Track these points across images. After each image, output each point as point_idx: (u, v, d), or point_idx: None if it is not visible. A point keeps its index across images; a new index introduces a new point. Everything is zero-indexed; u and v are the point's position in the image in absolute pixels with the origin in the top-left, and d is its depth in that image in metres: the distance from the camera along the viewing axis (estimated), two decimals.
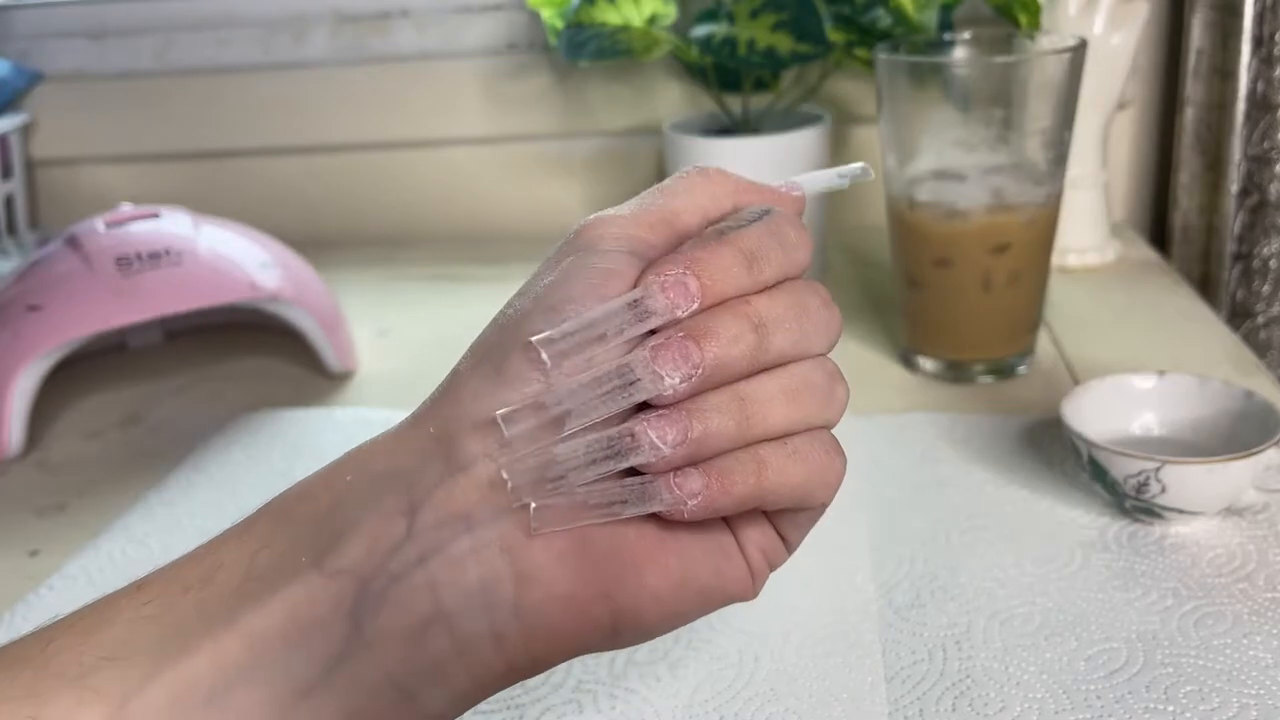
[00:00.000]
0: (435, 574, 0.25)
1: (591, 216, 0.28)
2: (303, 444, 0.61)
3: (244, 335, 0.78)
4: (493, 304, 0.30)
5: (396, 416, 0.65)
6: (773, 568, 0.29)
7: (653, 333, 0.26)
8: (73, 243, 0.66)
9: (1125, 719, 0.37)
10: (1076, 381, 0.61)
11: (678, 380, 0.25)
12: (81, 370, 0.74)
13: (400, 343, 0.76)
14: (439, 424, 0.27)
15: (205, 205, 0.78)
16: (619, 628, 0.27)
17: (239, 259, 0.67)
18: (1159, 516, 0.47)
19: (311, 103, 0.96)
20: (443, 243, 0.97)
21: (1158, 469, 0.44)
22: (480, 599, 0.25)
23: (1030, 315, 0.63)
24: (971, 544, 0.47)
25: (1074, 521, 0.48)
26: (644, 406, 0.26)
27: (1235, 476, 0.45)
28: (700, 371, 0.25)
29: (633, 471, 0.26)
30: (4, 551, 0.54)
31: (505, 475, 0.26)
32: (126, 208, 0.70)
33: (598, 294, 0.26)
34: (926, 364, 0.64)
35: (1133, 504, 0.46)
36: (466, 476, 0.26)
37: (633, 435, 0.26)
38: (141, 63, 0.97)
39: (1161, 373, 0.51)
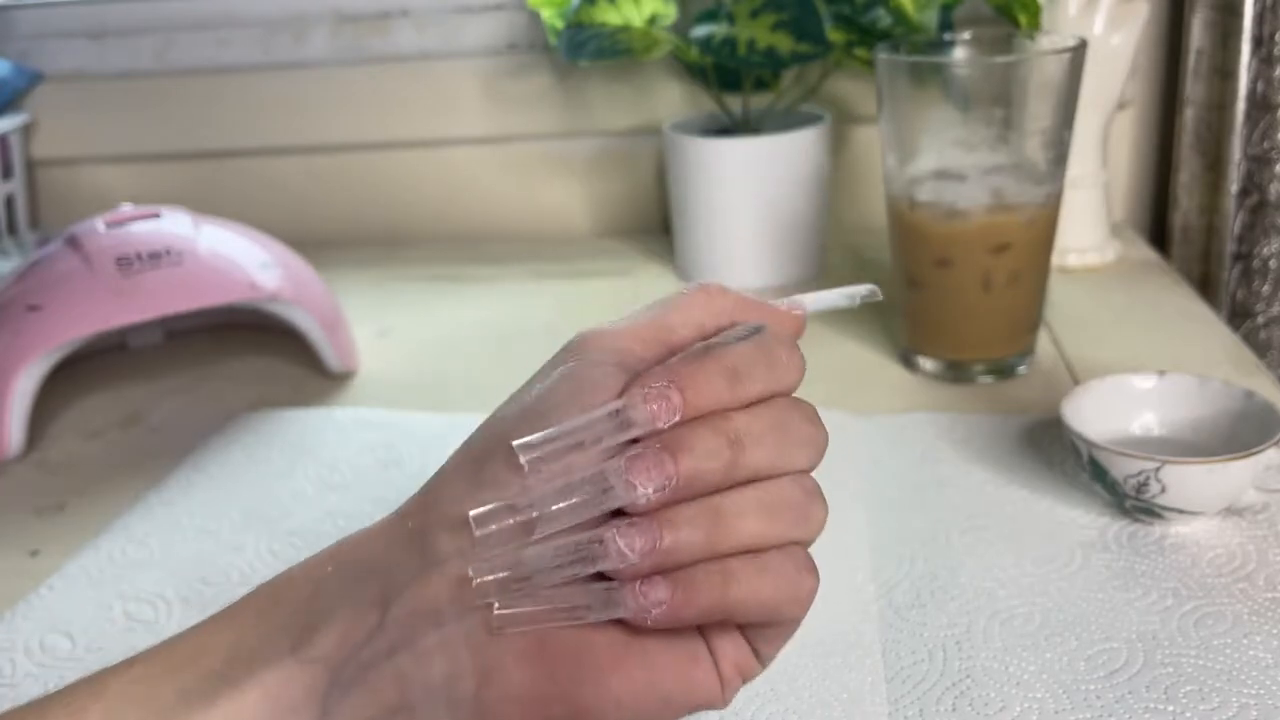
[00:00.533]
0: (402, 666, 0.26)
1: (588, 329, 0.29)
2: (303, 444, 0.61)
3: (244, 335, 0.78)
4: (493, 304, 0.31)
5: (397, 417, 0.65)
6: (745, 680, 0.30)
7: (634, 442, 0.27)
8: (73, 243, 0.66)
9: (1126, 718, 0.37)
10: (1076, 381, 0.61)
11: (650, 491, 0.26)
12: (82, 370, 0.74)
13: (400, 343, 0.76)
14: (418, 520, 0.28)
15: (205, 205, 0.78)
16: None
17: (239, 259, 0.67)
18: (1159, 516, 0.47)
19: (312, 103, 0.96)
20: (443, 243, 0.97)
21: (1158, 469, 0.44)
22: (443, 692, 0.26)
23: (1030, 315, 0.63)
24: (972, 544, 0.47)
25: (1074, 521, 0.48)
26: (617, 513, 0.27)
27: (1235, 476, 0.45)
28: (673, 483, 0.26)
29: (602, 575, 0.27)
30: (4, 551, 0.54)
31: (471, 573, 0.26)
32: (127, 208, 0.70)
33: (581, 403, 0.27)
34: (926, 364, 0.64)
35: (1133, 504, 0.46)
36: (439, 573, 0.27)
37: (601, 542, 0.26)
38: (142, 63, 0.97)
39: (1161, 373, 0.51)
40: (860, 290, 0.33)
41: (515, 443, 0.26)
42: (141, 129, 0.98)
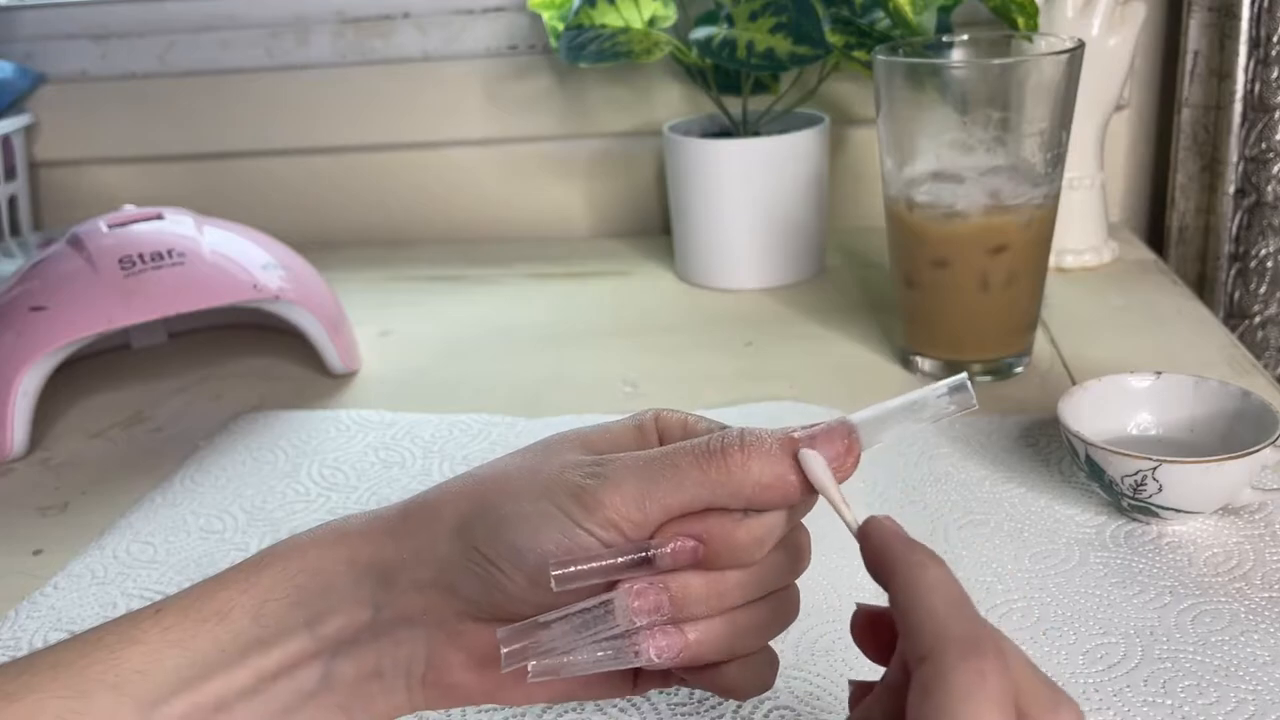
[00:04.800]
0: (382, 646, 0.34)
1: (605, 474, 0.31)
2: (305, 444, 0.61)
3: (247, 335, 0.78)
4: (494, 304, 0.32)
5: (398, 417, 0.65)
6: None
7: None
8: (76, 243, 0.67)
9: (1124, 712, 0.37)
10: (1074, 381, 0.61)
11: (644, 620, 0.31)
12: (85, 370, 0.75)
13: (402, 343, 0.76)
14: (415, 542, 0.33)
15: (208, 206, 0.79)
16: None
17: (242, 260, 0.68)
18: (1156, 515, 0.47)
19: (314, 104, 0.96)
20: (444, 243, 0.97)
21: (1154, 468, 0.45)
22: (404, 668, 0.34)
23: (1028, 315, 0.63)
24: (970, 541, 0.48)
25: (1072, 520, 0.49)
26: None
27: (1231, 476, 0.45)
28: (664, 614, 0.31)
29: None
30: (8, 550, 0.54)
31: (501, 647, 0.31)
32: (129, 209, 0.70)
33: (584, 552, 0.31)
34: (924, 364, 0.65)
35: (1130, 503, 0.47)
36: (418, 592, 0.33)
37: (610, 609, 0.31)
38: (144, 64, 0.97)
39: (1158, 373, 0.51)
40: (941, 389, 0.33)
41: (554, 573, 0.30)
42: (144, 130, 0.99)
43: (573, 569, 0.30)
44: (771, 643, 0.38)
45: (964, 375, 0.33)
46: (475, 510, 0.33)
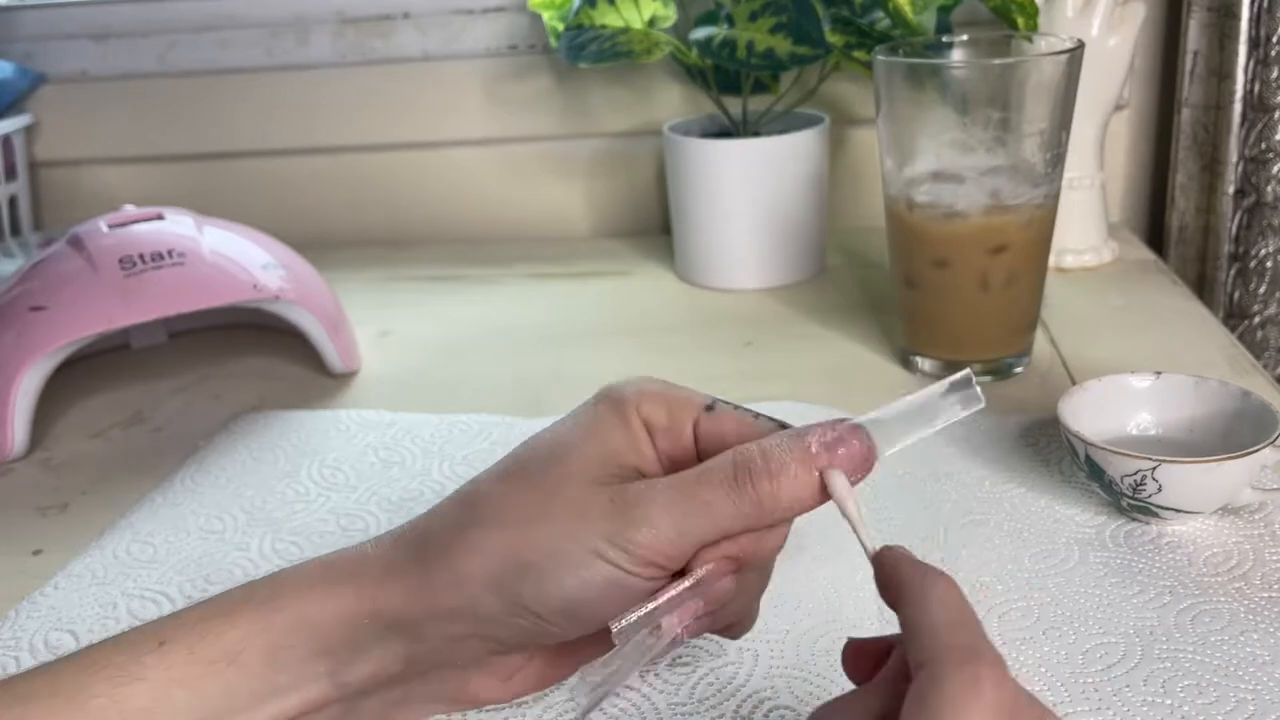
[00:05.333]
0: (409, 686, 0.35)
1: (639, 518, 0.32)
2: (306, 444, 0.61)
3: (247, 336, 0.78)
4: (494, 304, 0.32)
5: (397, 417, 0.65)
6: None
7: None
8: (76, 243, 0.67)
9: (1124, 711, 0.37)
10: (1073, 381, 0.61)
11: (681, 628, 0.33)
12: (85, 370, 0.75)
13: (403, 343, 0.76)
14: (450, 608, 0.33)
15: (208, 206, 0.79)
16: None
17: (242, 260, 0.68)
18: (1156, 515, 0.47)
19: (314, 104, 0.96)
20: (444, 243, 0.97)
21: (1154, 468, 0.45)
22: (431, 694, 0.35)
23: (1027, 315, 0.63)
24: (969, 541, 0.48)
25: (1071, 520, 0.49)
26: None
27: (1231, 476, 0.45)
28: (699, 615, 0.34)
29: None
30: (7, 551, 0.54)
31: (581, 703, 0.34)
32: (129, 209, 0.70)
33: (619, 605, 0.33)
34: (924, 364, 0.65)
35: (1129, 503, 0.47)
36: (450, 643, 0.34)
37: (659, 632, 0.33)
38: (144, 64, 0.97)
39: (1158, 373, 0.51)
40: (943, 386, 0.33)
41: (614, 631, 0.32)
42: (144, 130, 0.99)
43: (629, 621, 0.32)
44: (771, 642, 0.38)
45: (968, 371, 0.33)
46: (514, 569, 0.32)
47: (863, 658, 0.31)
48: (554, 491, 0.32)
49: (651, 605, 0.32)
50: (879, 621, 0.43)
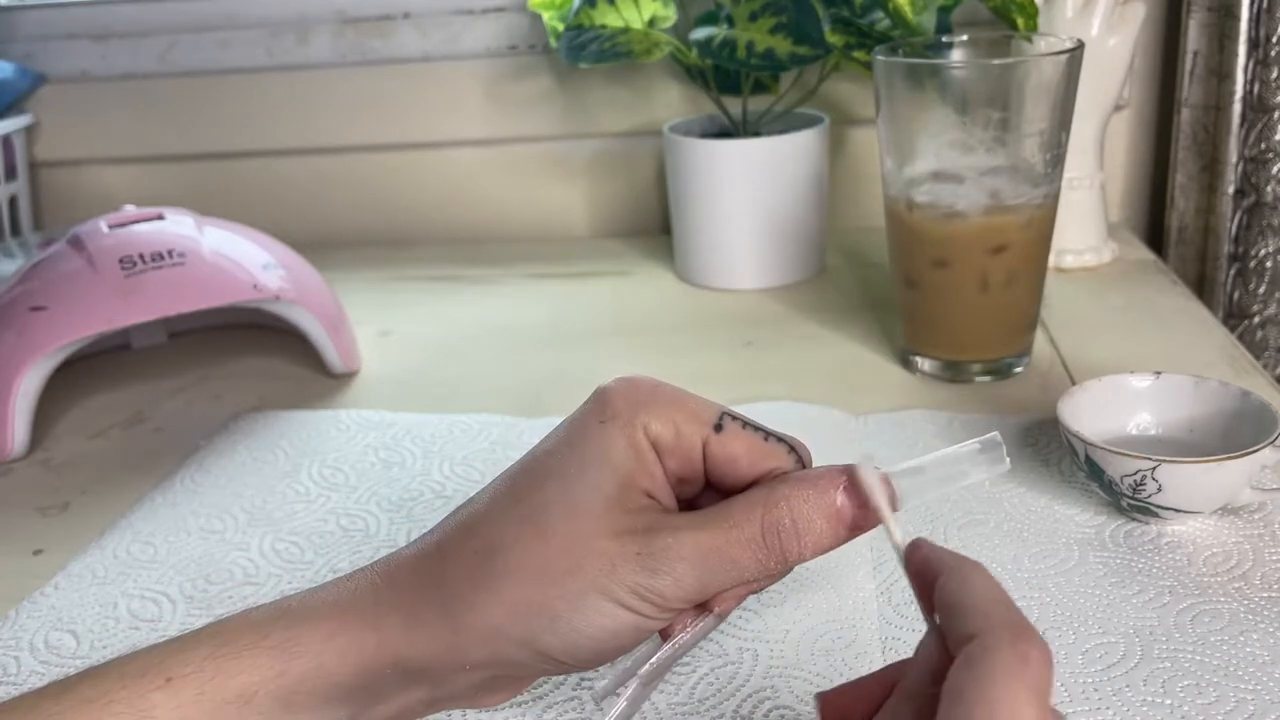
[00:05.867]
0: (428, 713, 0.35)
1: (662, 568, 0.32)
2: (306, 444, 0.61)
3: (247, 336, 0.78)
4: (494, 304, 0.32)
5: (397, 417, 0.65)
6: None
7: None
8: (76, 244, 0.67)
9: (1123, 711, 0.37)
10: (1073, 381, 0.61)
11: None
12: (85, 370, 0.75)
13: (403, 343, 0.76)
14: (477, 659, 0.33)
15: (208, 206, 0.79)
16: None
17: (242, 260, 0.68)
18: (1155, 515, 0.47)
19: (314, 104, 0.96)
20: (444, 243, 0.97)
21: (1154, 468, 0.45)
22: (443, 712, 0.35)
23: (1027, 315, 0.63)
24: (969, 540, 0.48)
25: (1071, 520, 0.49)
26: None
27: (1231, 476, 0.45)
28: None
29: None
30: (8, 550, 0.54)
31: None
32: (130, 209, 0.70)
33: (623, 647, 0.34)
34: (924, 364, 0.65)
35: (1129, 503, 0.47)
36: (469, 679, 0.34)
37: (674, 643, 0.34)
38: (144, 64, 0.97)
39: (1158, 373, 0.51)
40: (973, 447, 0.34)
41: (639, 674, 0.34)
42: (144, 130, 0.99)
43: (654, 665, 0.34)
44: (771, 642, 0.38)
45: (996, 434, 0.34)
46: (539, 623, 0.32)
47: (847, 700, 0.30)
48: (580, 543, 0.32)
49: (676, 645, 0.34)
50: (878, 621, 0.43)
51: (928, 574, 0.29)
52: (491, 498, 0.34)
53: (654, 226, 0.96)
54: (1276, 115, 0.79)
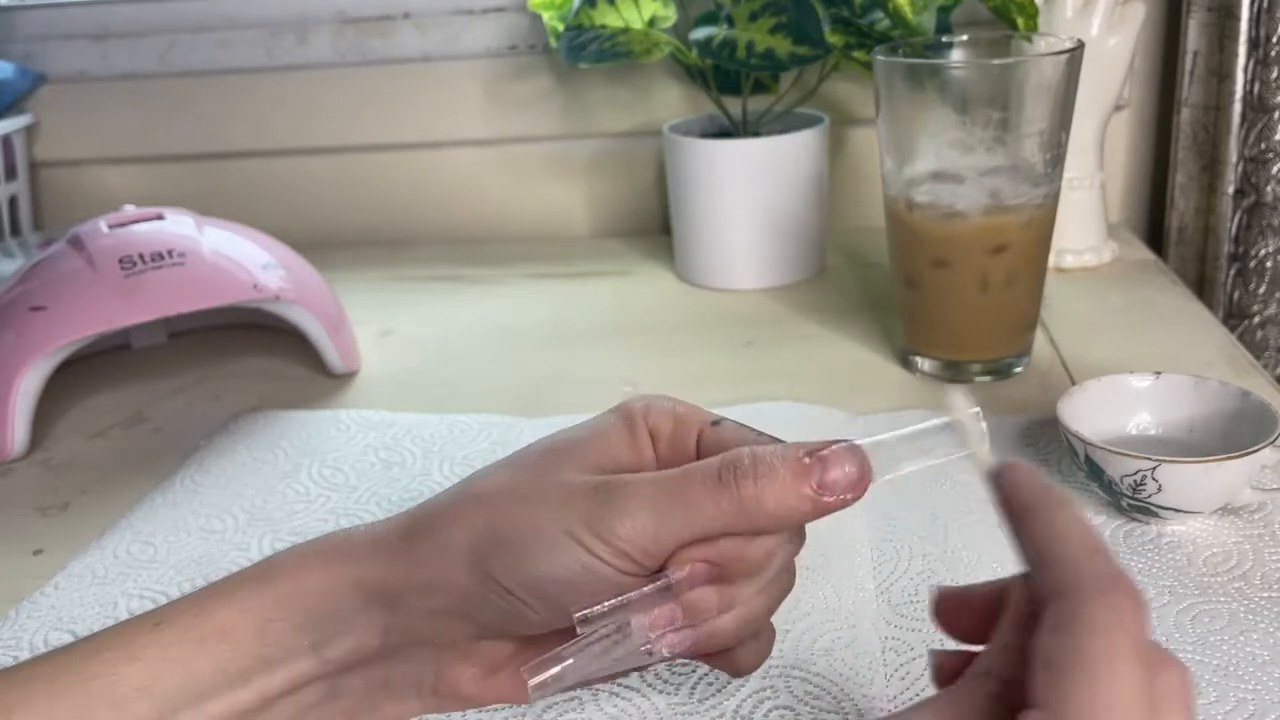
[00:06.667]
0: (390, 665, 0.35)
1: (616, 502, 0.32)
2: (306, 444, 0.61)
3: (247, 336, 0.78)
4: (494, 304, 0.32)
5: (398, 417, 0.65)
6: None
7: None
8: (76, 244, 0.67)
9: None
10: (1073, 381, 0.61)
11: (658, 634, 0.32)
12: (85, 370, 0.75)
13: (403, 343, 0.76)
14: (427, 578, 0.33)
15: (208, 206, 0.79)
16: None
17: (242, 260, 0.68)
18: (1155, 515, 0.47)
19: (314, 104, 0.96)
20: (444, 243, 0.97)
21: (1154, 468, 0.45)
22: (413, 681, 0.35)
23: (1027, 315, 0.63)
24: (969, 540, 0.48)
25: None
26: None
27: (1231, 476, 0.45)
28: (678, 625, 0.33)
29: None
30: (8, 550, 0.54)
31: (530, 684, 0.32)
32: (129, 209, 0.70)
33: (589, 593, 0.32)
34: (924, 364, 0.65)
35: (1129, 503, 0.47)
36: (428, 615, 0.34)
37: (628, 631, 0.32)
38: (144, 64, 0.97)
39: (1158, 373, 0.51)
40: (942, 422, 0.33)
41: (576, 617, 0.32)
42: (144, 130, 0.99)
43: (594, 611, 0.32)
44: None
45: (976, 409, 0.32)
46: (489, 541, 0.32)
47: (957, 607, 0.30)
48: (545, 474, 0.33)
49: (620, 599, 0.32)
50: (878, 621, 0.43)
51: (1015, 507, 0.27)
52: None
53: (654, 226, 0.96)
54: (1276, 115, 0.79)
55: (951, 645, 0.31)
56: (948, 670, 0.30)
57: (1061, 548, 0.26)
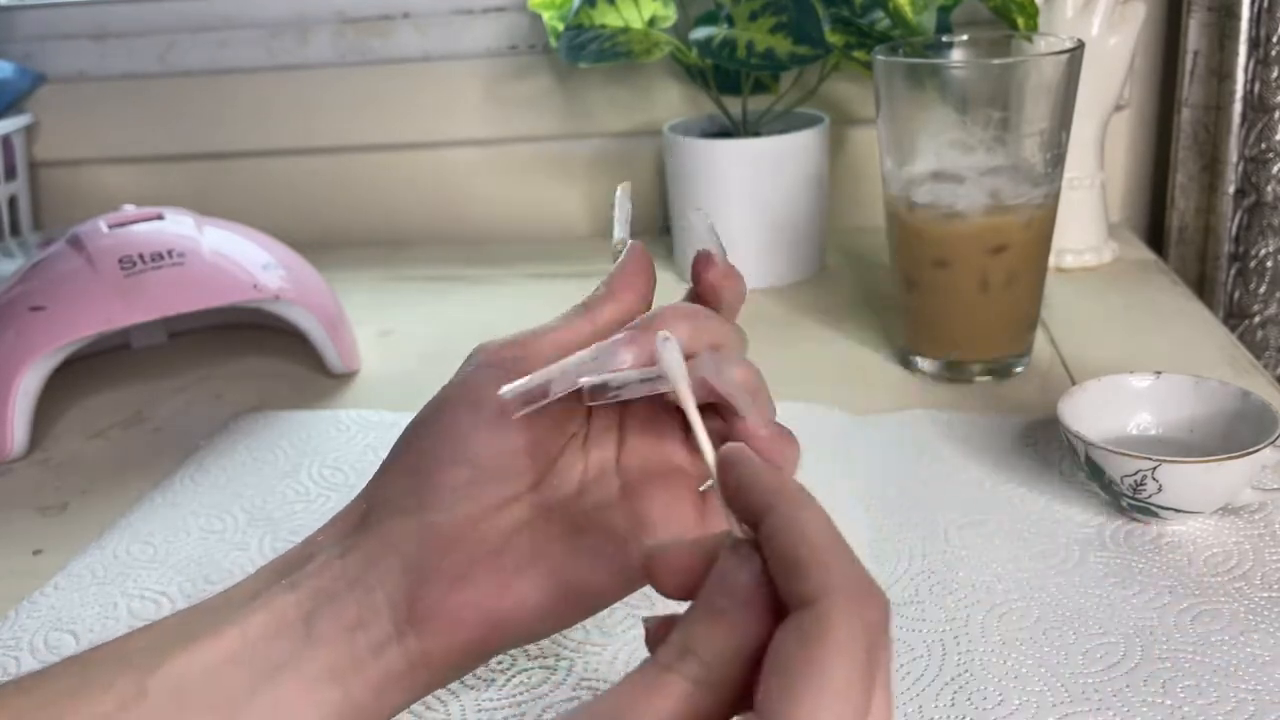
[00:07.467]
0: (357, 598, 0.34)
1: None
2: (306, 444, 0.61)
3: (246, 335, 0.78)
4: (494, 304, 0.32)
5: (399, 418, 0.65)
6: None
7: None
8: (76, 243, 0.67)
9: (1124, 712, 0.37)
10: (1073, 381, 0.61)
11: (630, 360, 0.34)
12: (85, 370, 0.75)
13: (402, 343, 0.76)
14: (377, 513, 0.37)
15: (208, 206, 0.79)
16: (490, 641, 0.35)
17: (242, 259, 0.68)
18: (1156, 515, 0.47)
19: (314, 104, 0.96)
20: (444, 243, 0.97)
21: (1154, 468, 0.45)
22: (386, 610, 0.34)
23: (1028, 315, 0.63)
24: (969, 541, 0.48)
25: (1071, 520, 0.49)
26: None
27: (1231, 476, 0.45)
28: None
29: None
30: (7, 550, 0.54)
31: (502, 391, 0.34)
32: (129, 209, 0.70)
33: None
34: (925, 364, 0.65)
35: (1130, 503, 0.47)
36: (383, 544, 0.36)
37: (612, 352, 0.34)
38: (144, 64, 0.97)
39: (1158, 373, 0.51)
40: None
41: (504, 389, 0.35)
42: (144, 130, 0.99)
43: (518, 384, 0.35)
44: None
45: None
46: (410, 437, 0.38)
47: (680, 571, 0.27)
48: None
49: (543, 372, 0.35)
50: None
51: (749, 499, 0.26)
52: None
53: (654, 226, 0.96)
54: (1277, 115, 0.79)
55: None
56: (660, 641, 0.27)
57: (805, 550, 0.24)
